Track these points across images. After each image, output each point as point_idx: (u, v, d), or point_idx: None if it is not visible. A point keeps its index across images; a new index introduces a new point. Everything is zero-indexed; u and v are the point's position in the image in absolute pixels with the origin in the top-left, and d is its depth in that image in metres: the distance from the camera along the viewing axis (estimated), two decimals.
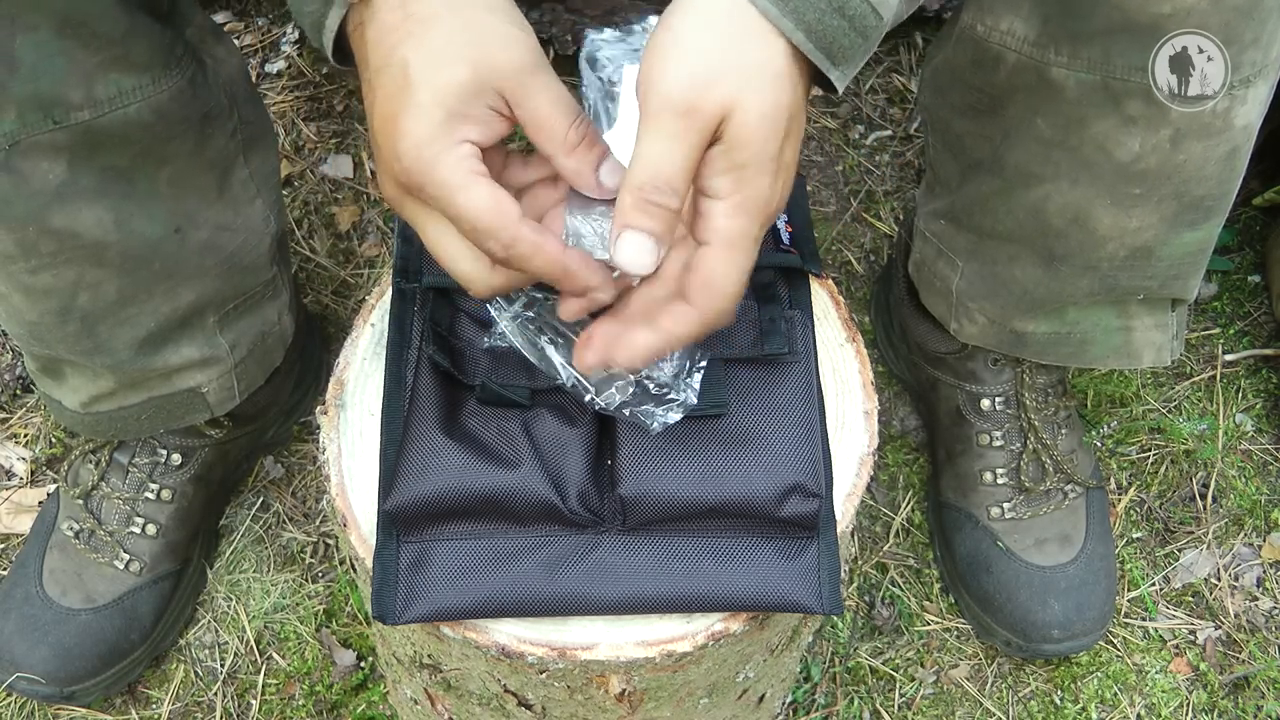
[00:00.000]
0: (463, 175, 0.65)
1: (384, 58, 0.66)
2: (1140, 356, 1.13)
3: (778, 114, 0.64)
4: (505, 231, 0.66)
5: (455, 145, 0.66)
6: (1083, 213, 0.99)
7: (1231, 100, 0.89)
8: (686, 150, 0.64)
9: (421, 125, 0.65)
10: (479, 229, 0.66)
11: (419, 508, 0.78)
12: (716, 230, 0.65)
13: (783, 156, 0.66)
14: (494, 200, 0.66)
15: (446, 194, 0.65)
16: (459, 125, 0.66)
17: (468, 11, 0.67)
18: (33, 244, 0.94)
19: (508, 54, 0.67)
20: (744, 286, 0.67)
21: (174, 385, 1.11)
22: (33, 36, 0.82)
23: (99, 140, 0.90)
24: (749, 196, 0.65)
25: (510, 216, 0.66)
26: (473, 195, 0.65)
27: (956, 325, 1.19)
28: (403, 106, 0.65)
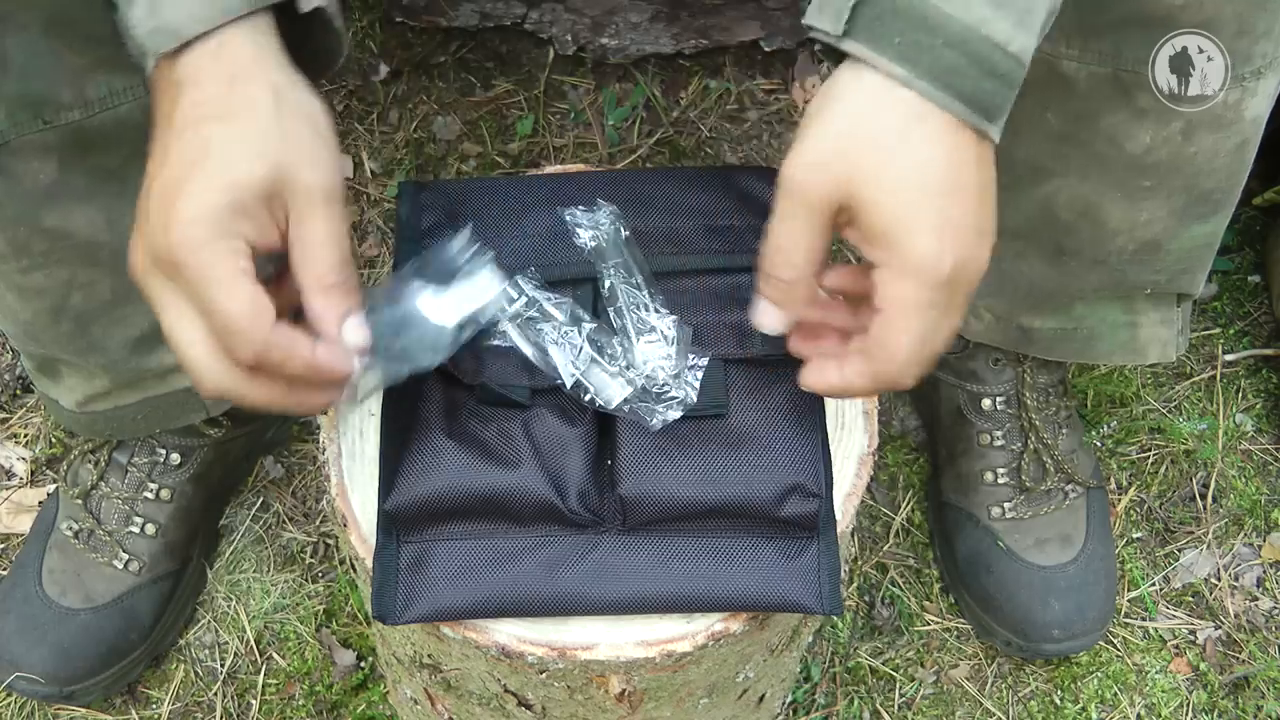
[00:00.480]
0: (229, 269, 0.63)
1: (190, 125, 0.64)
2: (1146, 352, 1.13)
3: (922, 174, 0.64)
4: (259, 336, 0.63)
5: (230, 238, 0.63)
6: (1092, 206, 0.99)
7: (1243, 92, 0.89)
8: (794, 225, 0.66)
9: (203, 206, 0.63)
10: (231, 329, 0.63)
11: (419, 508, 0.78)
12: (882, 297, 0.66)
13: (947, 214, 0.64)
14: (253, 303, 0.63)
15: (205, 284, 0.63)
16: (240, 219, 0.63)
17: (291, 120, 0.65)
18: (24, 244, 0.94)
19: (312, 173, 0.65)
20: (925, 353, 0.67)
21: (169, 385, 1.11)
22: (23, 36, 0.82)
23: (90, 140, 0.90)
24: (905, 259, 0.64)
25: (266, 321, 0.64)
26: (233, 292, 0.63)
27: (963, 323, 1.18)
28: (190, 180, 0.63)
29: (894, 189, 0.64)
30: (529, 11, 1.47)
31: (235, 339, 0.63)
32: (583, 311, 0.80)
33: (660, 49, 1.50)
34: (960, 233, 0.65)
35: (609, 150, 1.54)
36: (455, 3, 1.47)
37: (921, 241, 0.64)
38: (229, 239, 0.63)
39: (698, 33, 1.49)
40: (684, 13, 1.46)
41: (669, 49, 1.50)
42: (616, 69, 1.57)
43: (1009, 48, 0.63)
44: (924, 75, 0.62)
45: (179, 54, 0.64)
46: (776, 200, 0.67)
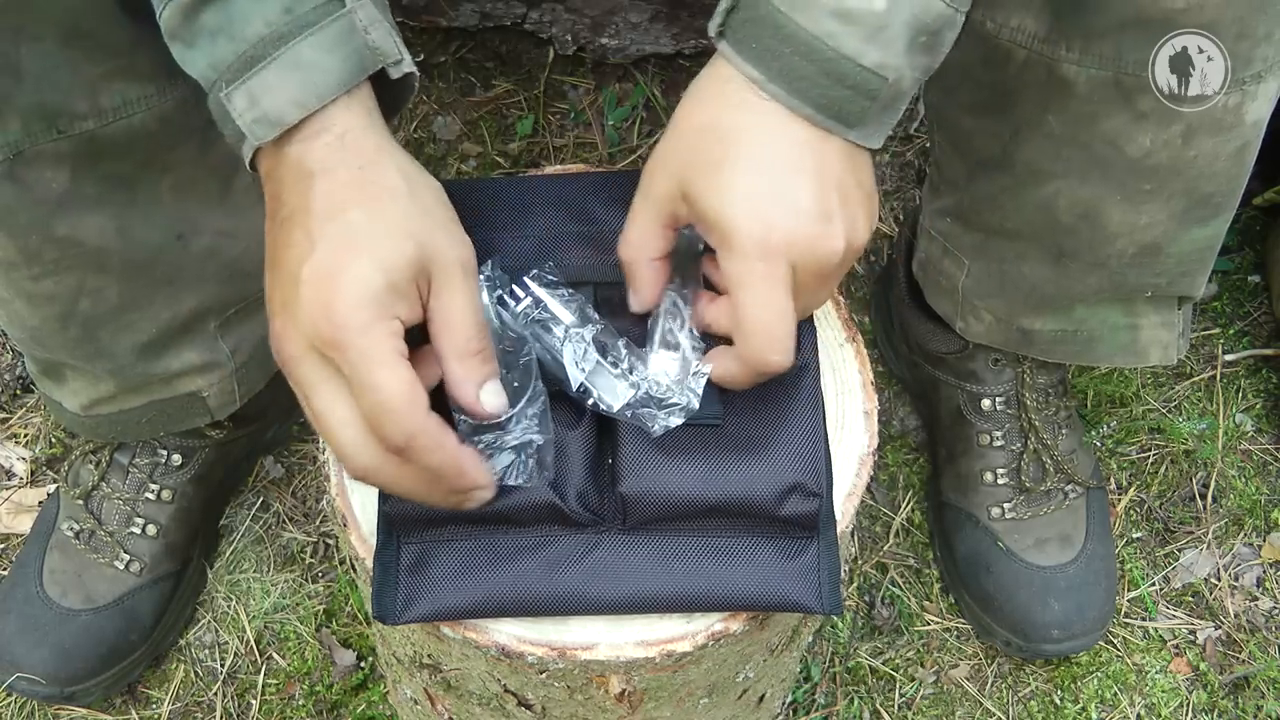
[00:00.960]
0: (388, 351, 0.64)
1: (331, 211, 0.65)
2: (1147, 355, 1.13)
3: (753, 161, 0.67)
4: (413, 421, 0.65)
5: (388, 319, 0.65)
6: (1093, 209, 0.99)
7: (1243, 95, 0.89)
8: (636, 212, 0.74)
9: (365, 289, 0.64)
10: (386, 410, 0.64)
11: (419, 508, 0.78)
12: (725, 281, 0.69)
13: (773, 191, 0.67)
14: (410, 387, 0.64)
15: (367, 365, 0.64)
16: (396, 300, 0.65)
17: (425, 198, 0.69)
18: (35, 251, 0.94)
19: (450, 248, 0.68)
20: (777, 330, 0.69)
21: (175, 389, 1.11)
22: (38, 47, 0.82)
23: (102, 149, 0.90)
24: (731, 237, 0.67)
25: (420, 407, 0.65)
26: (392, 375, 0.64)
27: (963, 324, 1.19)
28: (346, 266, 0.64)
29: (724, 177, 0.67)
30: (529, 11, 1.47)
31: (388, 420, 0.64)
32: (590, 310, 0.80)
33: (660, 49, 1.50)
34: (788, 207, 0.67)
35: (609, 150, 1.54)
36: (455, 3, 1.47)
37: (743, 216, 0.67)
38: (387, 320, 0.65)
39: (698, 33, 1.49)
40: (684, 13, 1.46)
41: (669, 49, 1.50)
42: (616, 69, 1.57)
43: (861, 60, 0.66)
44: (776, 79, 0.66)
45: (284, 140, 0.67)
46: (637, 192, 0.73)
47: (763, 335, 0.69)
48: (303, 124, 0.66)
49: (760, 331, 0.69)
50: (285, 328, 0.66)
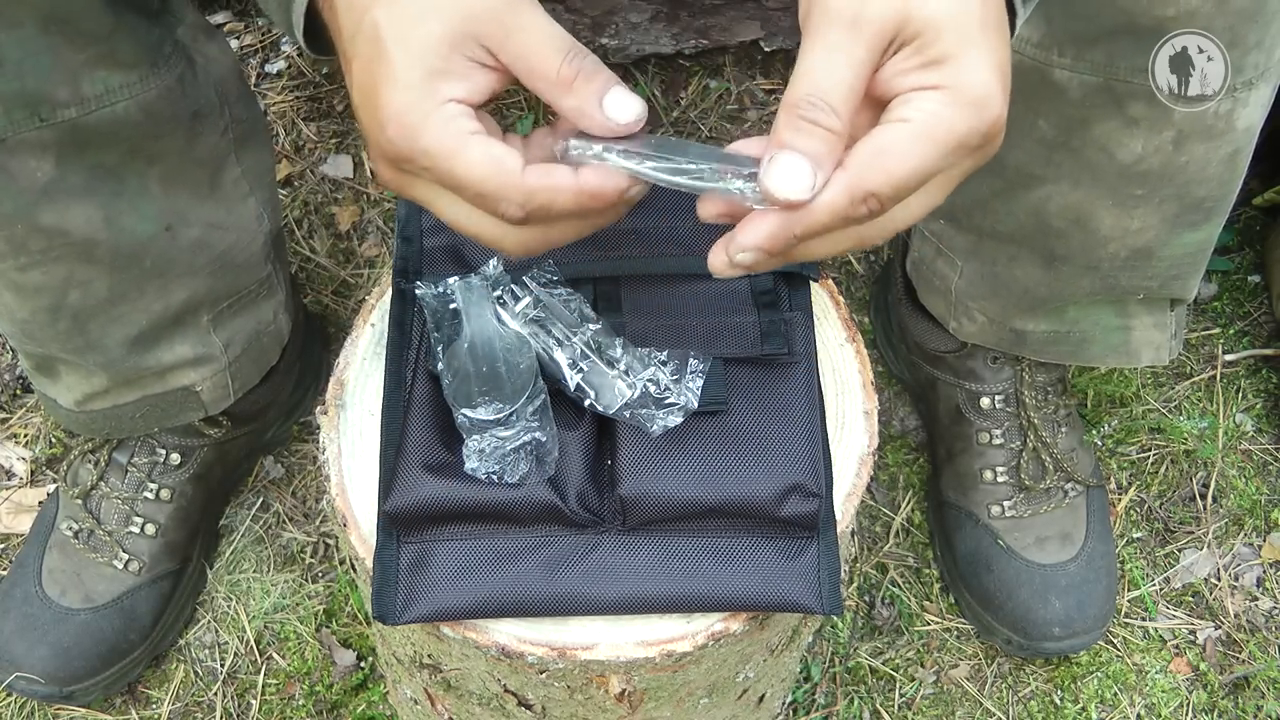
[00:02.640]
0: (453, 138, 0.60)
1: (355, 23, 0.61)
2: (1139, 355, 1.13)
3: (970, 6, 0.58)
4: (515, 190, 0.60)
5: (440, 106, 0.60)
6: (1084, 213, 0.99)
7: (1234, 102, 0.89)
8: (849, 61, 0.57)
9: (401, 91, 0.59)
10: (485, 194, 0.60)
11: (419, 509, 0.78)
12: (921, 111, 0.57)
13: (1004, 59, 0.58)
14: (492, 159, 0.60)
15: (440, 162, 0.60)
16: (441, 84, 0.60)
17: None
18: (22, 242, 0.94)
19: None
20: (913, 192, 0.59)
21: (168, 384, 1.11)
22: (17, 34, 0.82)
23: (87, 138, 0.90)
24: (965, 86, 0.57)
25: (513, 173, 0.60)
26: (469, 159, 0.59)
27: (956, 324, 1.19)
28: (379, 74, 0.60)
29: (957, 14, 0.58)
30: None
31: (494, 202, 0.60)
32: (589, 309, 0.80)
33: (660, 49, 1.50)
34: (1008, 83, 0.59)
35: None
36: None
37: (986, 77, 0.58)
38: (439, 109, 0.60)
39: (698, 33, 1.49)
40: (684, 13, 1.46)
41: (669, 49, 1.50)
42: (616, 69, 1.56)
43: None
44: None
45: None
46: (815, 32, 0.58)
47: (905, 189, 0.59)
48: None
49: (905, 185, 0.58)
50: (373, 160, 0.63)
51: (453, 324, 0.79)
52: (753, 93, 1.57)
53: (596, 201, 0.61)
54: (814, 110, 0.57)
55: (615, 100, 0.61)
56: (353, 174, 1.54)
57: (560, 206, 0.61)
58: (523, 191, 0.60)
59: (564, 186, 0.60)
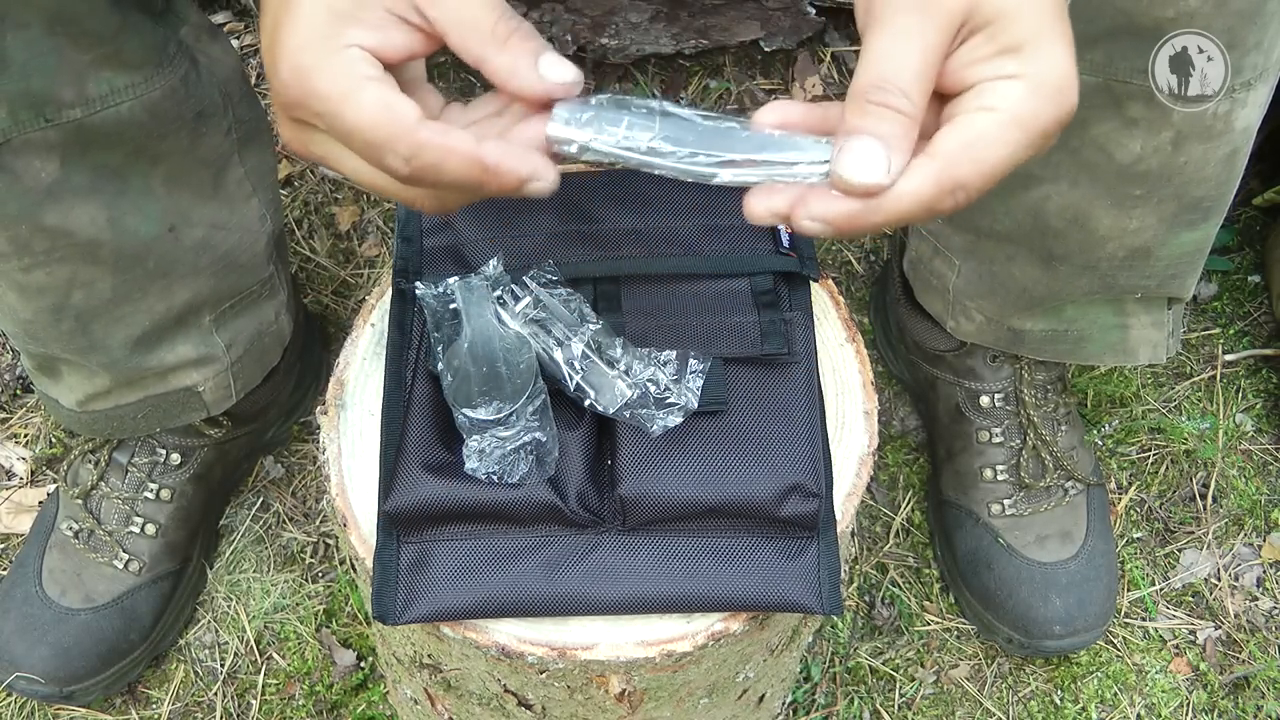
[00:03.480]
0: (346, 81, 0.56)
1: None
2: (1136, 354, 1.13)
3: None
4: (401, 142, 0.55)
5: (340, 50, 0.56)
6: (1082, 213, 1.00)
7: (1232, 103, 0.89)
8: (921, 46, 0.55)
9: (300, 30, 0.56)
10: (371, 143, 0.56)
11: (419, 509, 0.78)
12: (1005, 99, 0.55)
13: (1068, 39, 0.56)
14: (383, 105, 0.55)
15: (329, 106, 0.56)
16: (345, 28, 0.56)
17: None
18: (26, 242, 0.94)
19: None
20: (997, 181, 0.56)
21: (170, 384, 1.11)
22: (23, 34, 0.82)
23: (91, 138, 0.90)
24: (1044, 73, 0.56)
25: (404, 122, 0.55)
26: (359, 102, 0.55)
27: (953, 323, 1.19)
28: (284, 15, 0.56)
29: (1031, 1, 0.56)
30: (529, 11, 1.47)
31: (380, 152, 0.56)
32: (589, 309, 0.80)
33: (660, 49, 1.50)
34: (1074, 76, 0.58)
35: None
36: None
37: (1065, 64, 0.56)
38: (338, 53, 0.56)
39: (698, 33, 1.49)
40: (684, 13, 1.46)
41: (669, 49, 1.50)
42: (616, 69, 1.57)
43: None
44: None
45: None
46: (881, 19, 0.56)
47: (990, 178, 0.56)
48: None
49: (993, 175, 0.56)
50: (276, 115, 0.59)
51: (453, 324, 0.79)
52: (753, 93, 1.57)
53: (490, 177, 0.57)
54: (885, 94, 0.55)
55: (550, 61, 0.58)
56: None
57: (451, 170, 0.56)
58: (410, 144, 0.56)
59: (459, 150, 0.56)
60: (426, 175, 0.57)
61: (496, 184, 0.58)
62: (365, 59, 0.57)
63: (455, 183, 0.57)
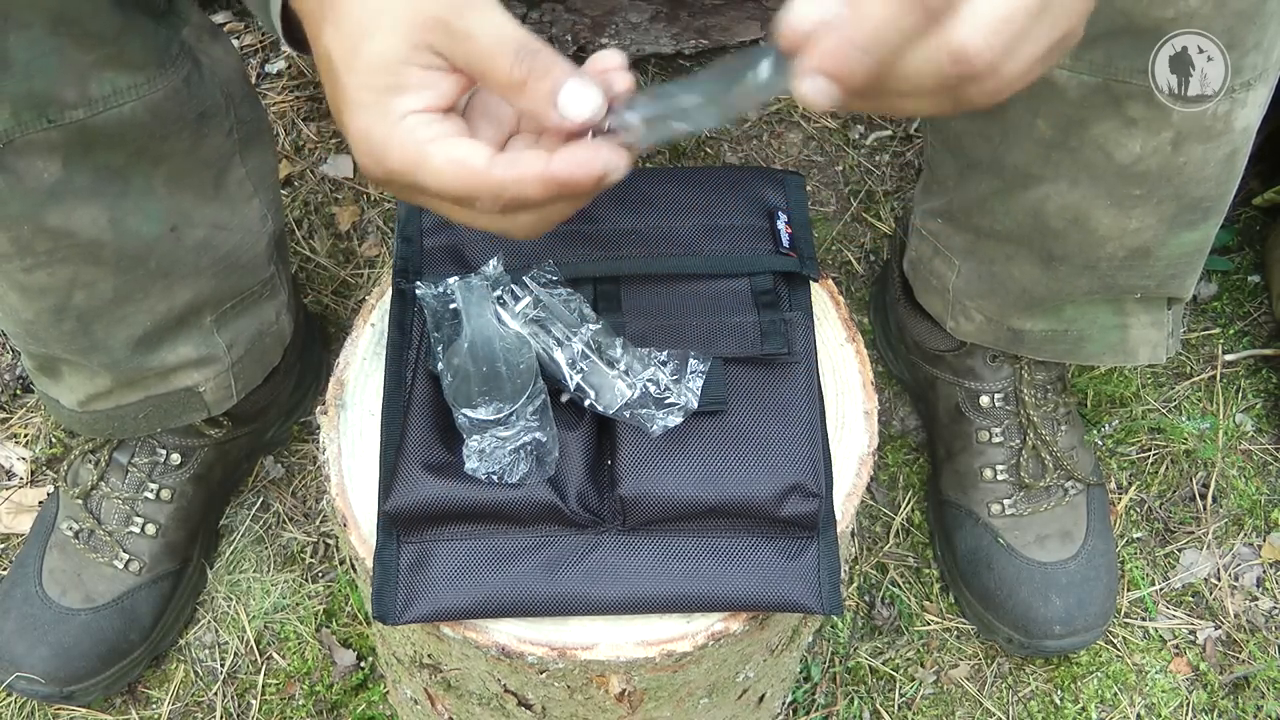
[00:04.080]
0: (415, 150, 0.60)
1: (316, 51, 0.62)
2: (1136, 354, 1.13)
3: None
4: (484, 189, 0.60)
5: (398, 123, 0.60)
6: (1082, 213, 1.00)
7: (1232, 103, 0.89)
8: None
9: (360, 117, 0.61)
10: (457, 197, 0.60)
11: (419, 509, 0.78)
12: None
13: None
14: (454, 162, 0.60)
15: (408, 178, 0.60)
16: (394, 100, 0.60)
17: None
18: (28, 242, 0.94)
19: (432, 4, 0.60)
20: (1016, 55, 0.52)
21: (171, 384, 1.11)
22: (25, 35, 0.82)
23: (94, 139, 0.90)
24: None
25: (479, 172, 0.59)
26: (433, 167, 0.60)
27: (953, 323, 1.19)
28: (339, 100, 0.61)
29: None
30: (529, 11, 1.47)
31: (466, 203, 0.61)
32: (589, 309, 0.80)
33: (660, 49, 1.50)
34: None
35: None
36: None
37: None
38: (397, 125, 0.60)
39: (698, 33, 1.49)
40: (684, 13, 1.46)
41: (669, 49, 1.50)
42: None
43: None
44: None
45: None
46: None
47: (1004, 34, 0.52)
48: None
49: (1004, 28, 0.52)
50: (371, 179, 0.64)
51: (453, 324, 0.79)
52: None
53: (569, 190, 0.60)
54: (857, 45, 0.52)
55: (569, 96, 0.60)
56: (353, 174, 1.53)
57: (534, 196, 0.60)
58: (492, 188, 0.59)
59: (531, 177, 0.59)
60: (515, 205, 0.60)
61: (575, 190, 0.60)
62: (423, 120, 0.60)
63: (542, 201, 0.60)
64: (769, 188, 0.90)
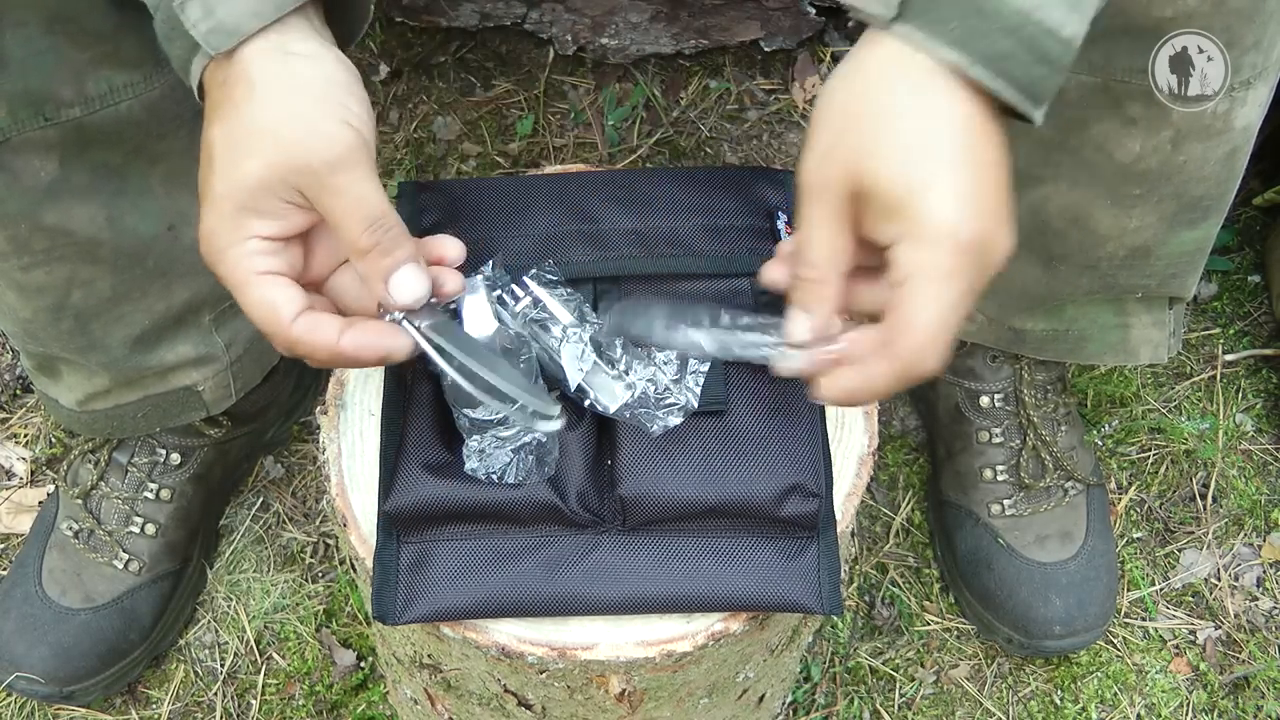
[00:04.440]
0: (243, 274, 0.66)
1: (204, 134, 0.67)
2: (1137, 354, 1.13)
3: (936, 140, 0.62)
4: (279, 336, 0.67)
5: (241, 241, 0.66)
6: (1082, 213, 1.00)
7: (1231, 102, 0.89)
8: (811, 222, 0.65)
9: (212, 217, 0.66)
10: (260, 326, 0.67)
11: (419, 509, 0.78)
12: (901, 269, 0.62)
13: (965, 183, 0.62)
14: (266, 304, 0.66)
15: (232, 287, 0.67)
16: (247, 220, 0.66)
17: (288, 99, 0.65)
18: (25, 241, 0.94)
19: (313, 150, 0.65)
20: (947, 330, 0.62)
21: (169, 384, 1.11)
22: (21, 33, 0.82)
23: (91, 137, 0.90)
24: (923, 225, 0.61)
25: (283, 323, 0.66)
26: (250, 298, 0.66)
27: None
28: (204, 191, 0.66)
29: (905, 156, 0.62)
30: (529, 11, 1.47)
31: (267, 335, 0.67)
32: (589, 309, 0.80)
33: (660, 49, 1.50)
34: (981, 204, 0.62)
35: (609, 150, 1.54)
36: (455, 3, 1.47)
37: (939, 204, 0.61)
38: (240, 244, 0.66)
39: (698, 33, 1.49)
40: (684, 13, 1.46)
41: (669, 49, 1.50)
42: (616, 69, 1.57)
43: (1061, 33, 0.62)
44: (979, 61, 0.61)
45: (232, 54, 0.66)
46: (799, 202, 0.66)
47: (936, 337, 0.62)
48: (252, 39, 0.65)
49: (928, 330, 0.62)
50: None
51: None
52: (752, 93, 1.57)
53: (354, 362, 0.69)
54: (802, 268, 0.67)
55: (400, 280, 0.68)
56: None
57: (320, 358, 0.68)
58: (287, 340, 0.67)
59: (323, 345, 0.67)
60: (301, 355, 0.68)
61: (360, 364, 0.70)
62: (261, 248, 0.66)
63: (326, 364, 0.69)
64: (769, 188, 0.90)
